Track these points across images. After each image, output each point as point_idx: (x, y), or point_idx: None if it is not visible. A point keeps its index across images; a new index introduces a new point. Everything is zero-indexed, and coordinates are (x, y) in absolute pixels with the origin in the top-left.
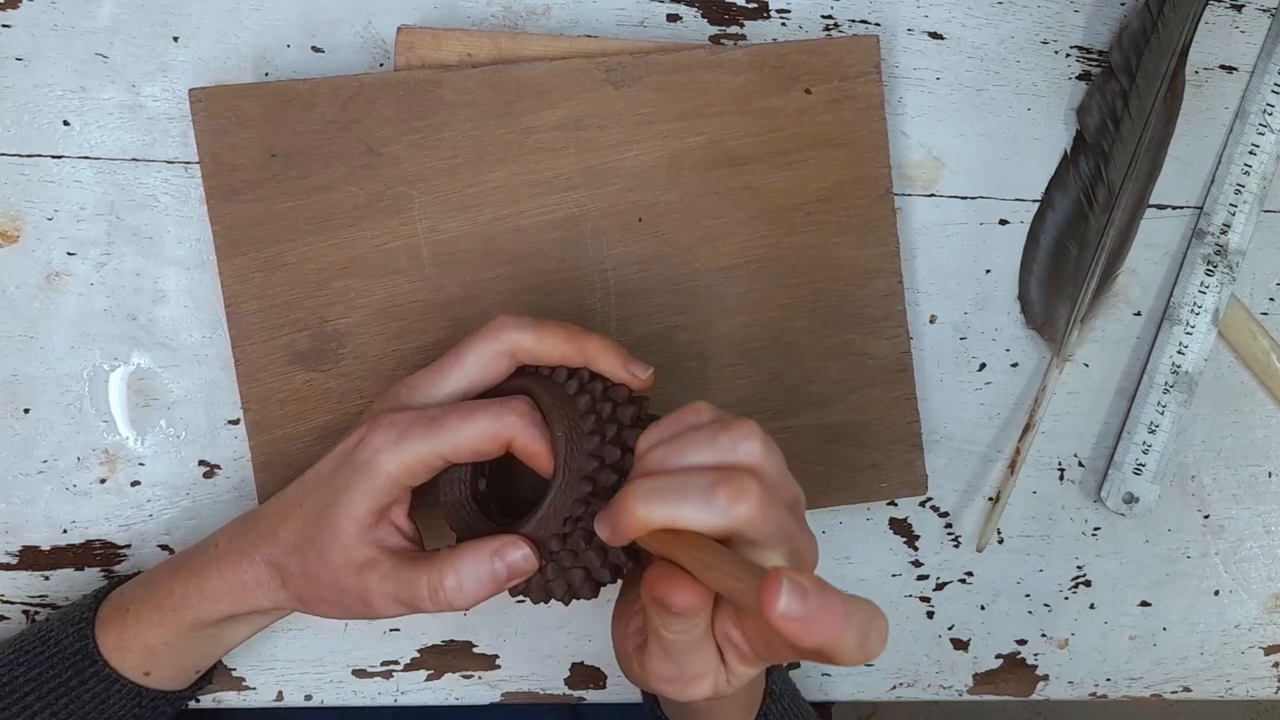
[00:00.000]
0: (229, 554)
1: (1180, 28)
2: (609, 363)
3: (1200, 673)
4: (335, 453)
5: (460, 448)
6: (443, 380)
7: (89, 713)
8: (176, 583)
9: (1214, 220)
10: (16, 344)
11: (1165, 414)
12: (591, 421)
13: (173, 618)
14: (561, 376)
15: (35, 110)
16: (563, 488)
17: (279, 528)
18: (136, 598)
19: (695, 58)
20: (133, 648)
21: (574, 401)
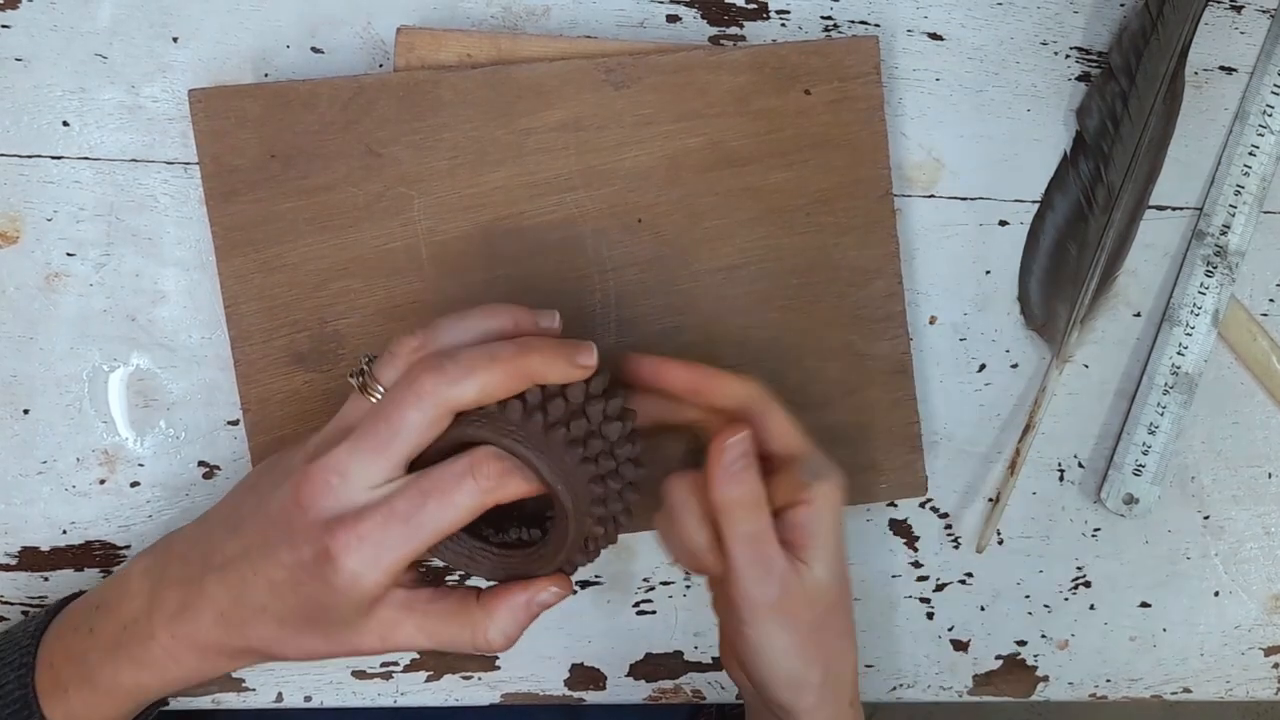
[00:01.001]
0: (185, 649)
1: (1180, 28)
2: (556, 372)
3: (1200, 673)
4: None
5: (445, 532)
6: (378, 462)
7: None
8: (121, 673)
9: (1214, 221)
10: (16, 344)
11: (1165, 415)
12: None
13: (126, 701)
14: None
15: (35, 110)
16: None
17: (244, 628)
18: (72, 679)
19: (695, 58)
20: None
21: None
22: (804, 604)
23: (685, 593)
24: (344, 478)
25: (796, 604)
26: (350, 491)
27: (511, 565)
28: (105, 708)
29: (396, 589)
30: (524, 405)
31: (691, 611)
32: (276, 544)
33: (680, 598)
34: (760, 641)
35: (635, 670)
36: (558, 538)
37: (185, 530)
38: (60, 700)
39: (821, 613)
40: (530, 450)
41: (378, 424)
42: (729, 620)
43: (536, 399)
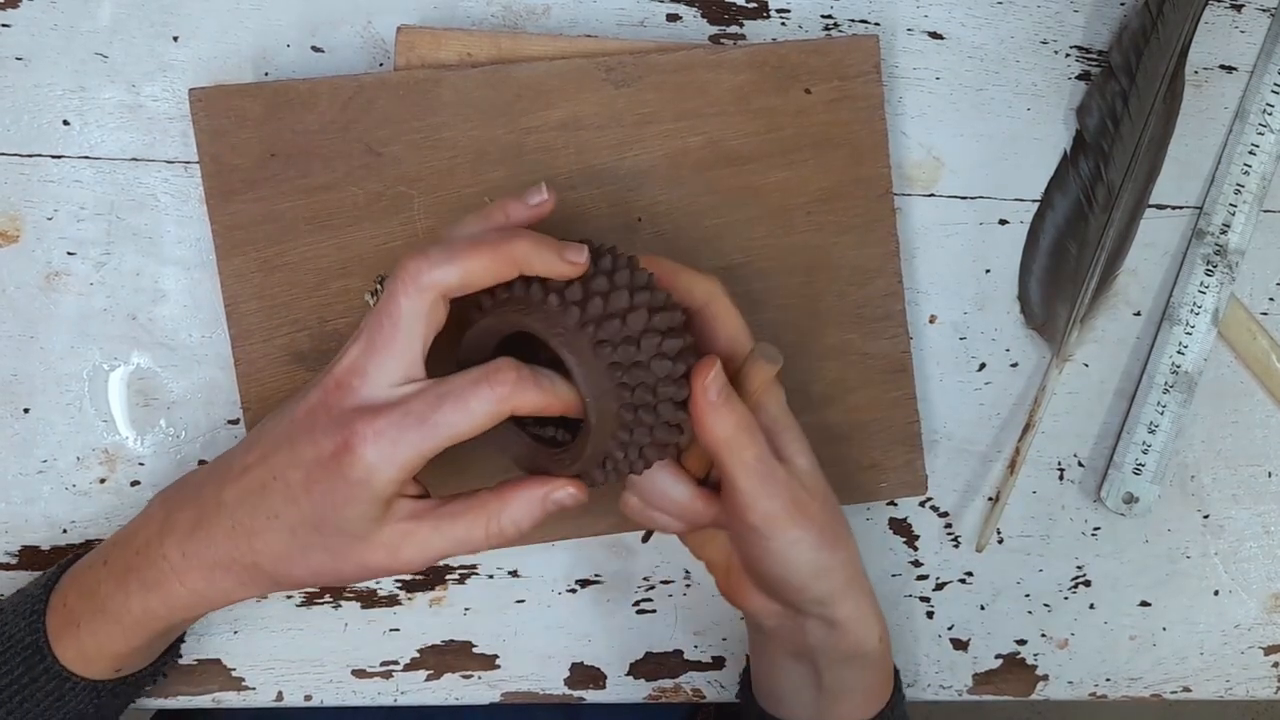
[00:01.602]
0: (193, 567)
1: (1180, 28)
2: (544, 262)
3: (1200, 673)
4: (297, 458)
5: (460, 435)
6: (391, 358)
7: (45, 710)
8: (131, 599)
9: (1214, 220)
10: (16, 344)
11: (1165, 414)
12: (618, 375)
13: (135, 630)
14: (572, 320)
15: (35, 110)
16: (593, 436)
17: (254, 540)
18: (84, 612)
19: (695, 57)
20: (97, 658)
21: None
22: (807, 497)
23: (685, 592)
24: (363, 377)
25: (803, 501)
26: (371, 389)
27: (538, 459)
28: (114, 637)
29: (405, 500)
30: (581, 314)
31: (691, 611)
32: (298, 441)
33: (680, 597)
34: (785, 551)
35: (635, 669)
36: (578, 447)
37: (209, 462)
38: (72, 637)
39: (821, 498)
40: (572, 355)
41: (380, 320)
42: (744, 547)
43: (597, 311)
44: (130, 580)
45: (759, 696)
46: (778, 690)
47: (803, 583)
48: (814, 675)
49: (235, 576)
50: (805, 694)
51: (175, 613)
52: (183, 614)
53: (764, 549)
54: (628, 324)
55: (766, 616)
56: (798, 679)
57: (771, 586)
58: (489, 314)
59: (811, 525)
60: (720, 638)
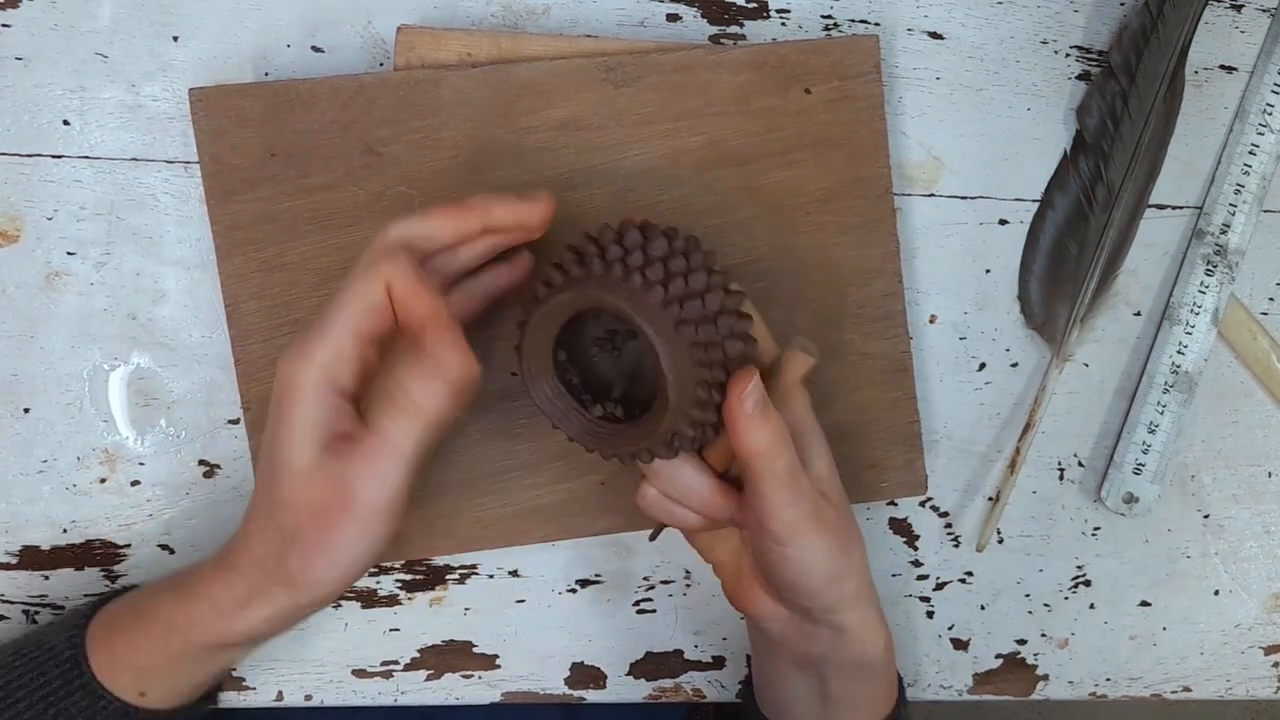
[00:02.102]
0: (215, 574)
1: (1180, 28)
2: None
3: (1200, 673)
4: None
5: (357, 317)
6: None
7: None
8: (161, 607)
9: (1214, 220)
10: (16, 344)
11: (1165, 414)
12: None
13: (160, 642)
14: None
15: (35, 110)
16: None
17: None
18: (124, 621)
19: (695, 58)
20: (124, 669)
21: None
22: (826, 505)
23: (685, 592)
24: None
25: (822, 508)
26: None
27: (597, 435)
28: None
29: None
30: (665, 293)
31: (691, 611)
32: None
33: (680, 597)
34: (802, 556)
35: (635, 669)
36: (652, 422)
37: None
38: (105, 643)
39: (838, 504)
40: (656, 333)
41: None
42: (760, 549)
43: (679, 291)
44: (166, 591)
45: (762, 705)
46: (782, 699)
47: (815, 588)
48: (819, 685)
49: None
50: (810, 703)
51: (193, 626)
52: (198, 629)
53: (781, 554)
54: (706, 304)
55: (774, 621)
56: (803, 688)
57: (783, 590)
58: (563, 289)
59: (829, 533)
60: (720, 638)
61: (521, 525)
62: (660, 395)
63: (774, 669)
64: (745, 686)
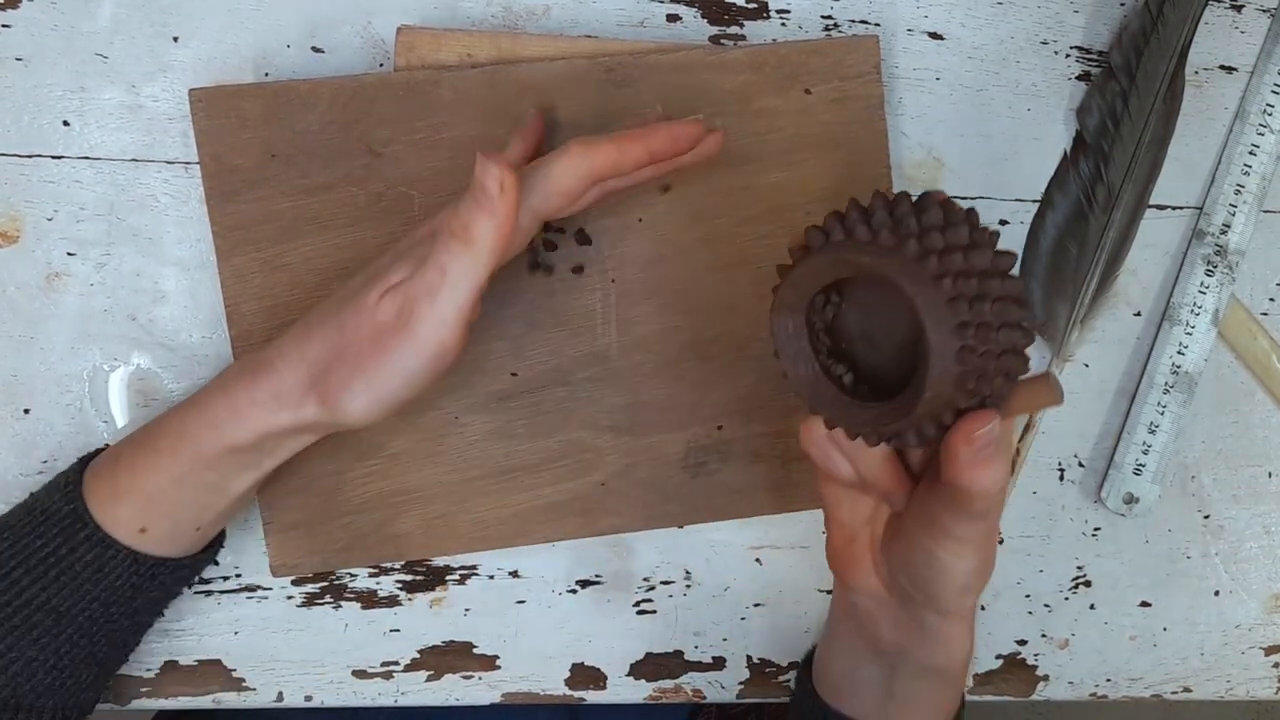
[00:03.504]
0: (240, 375)
1: (1180, 28)
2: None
3: (1200, 673)
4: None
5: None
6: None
7: (83, 584)
8: (171, 420)
9: (1214, 220)
10: (16, 344)
11: (1165, 414)
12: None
13: (168, 457)
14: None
15: (35, 110)
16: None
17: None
18: (126, 447)
19: (695, 58)
20: (125, 496)
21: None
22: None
23: (685, 592)
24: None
25: (990, 530)
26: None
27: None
28: (147, 467)
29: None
30: (939, 264)
31: (691, 611)
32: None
33: (680, 597)
34: (948, 564)
35: (635, 670)
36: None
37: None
38: (108, 478)
39: (997, 521)
40: (929, 309)
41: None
42: (907, 534)
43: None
44: (174, 411)
45: (820, 685)
46: (846, 684)
47: (942, 594)
48: (887, 678)
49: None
50: (873, 694)
51: (206, 430)
52: (212, 432)
53: (929, 553)
54: (984, 285)
55: (868, 597)
56: (870, 677)
57: (907, 579)
58: (826, 251)
59: (980, 550)
60: (720, 638)
61: (521, 525)
62: (919, 375)
63: (846, 652)
64: (804, 666)
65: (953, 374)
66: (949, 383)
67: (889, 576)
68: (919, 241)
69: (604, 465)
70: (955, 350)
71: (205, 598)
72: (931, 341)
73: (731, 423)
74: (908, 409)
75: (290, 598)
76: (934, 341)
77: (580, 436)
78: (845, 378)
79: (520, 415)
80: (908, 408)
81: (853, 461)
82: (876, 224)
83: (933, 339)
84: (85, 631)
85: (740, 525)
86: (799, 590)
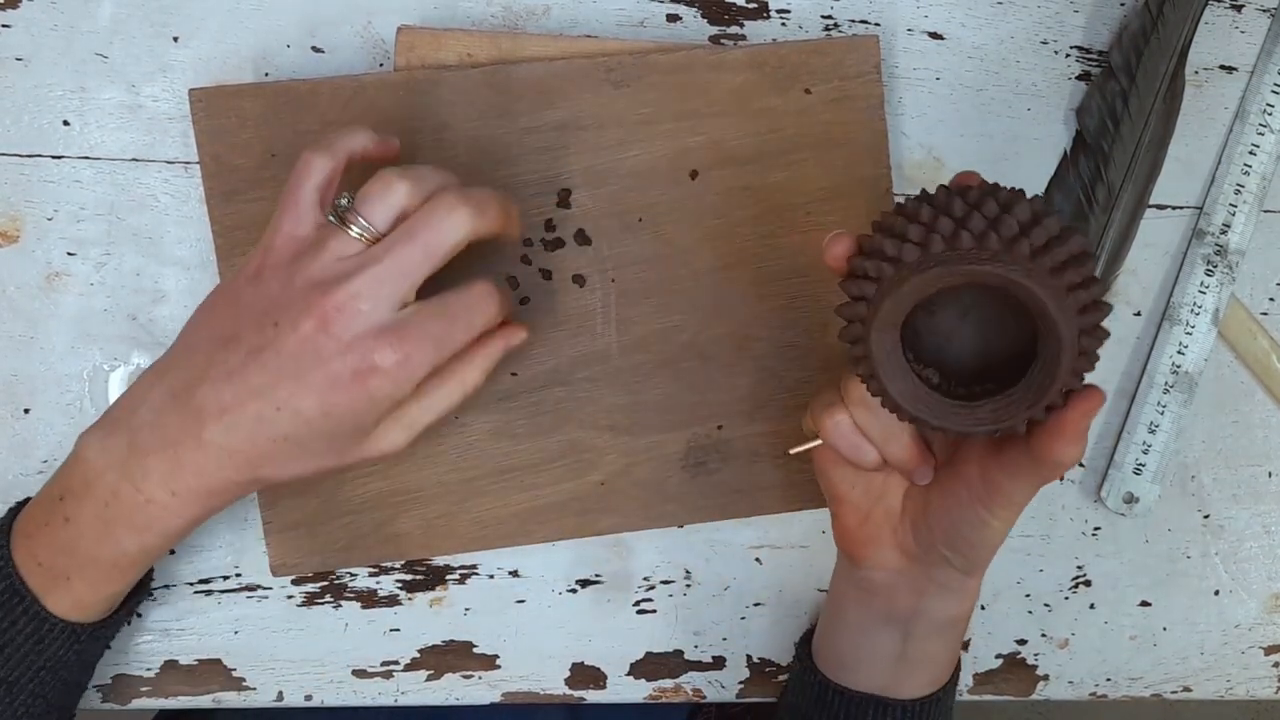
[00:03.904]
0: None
1: (1180, 28)
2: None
3: (1200, 673)
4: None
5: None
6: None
7: (24, 656)
8: (125, 543)
9: (1214, 220)
10: (16, 344)
11: (1165, 414)
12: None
13: (133, 569)
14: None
15: (35, 110)
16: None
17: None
18: (71, 567)
19: (695, 58)
20: (94, 603)
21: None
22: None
23: (685, 592)
24: (374, 303)
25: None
26: (379, 314)
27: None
28: (113, 581)
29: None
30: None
31: (691, 611)
32: (306, 373)
33: (680, 597)
34: (998, 528)
35: (635, 669)
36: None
37: (134, 401)
38: (65, 590)
39: None
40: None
41: (411, 250)
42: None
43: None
44: (117, 529)
45: (823, 661)
46: (855, 654)
47: (981, 553)
48: (900, 643)
49: (233, 493)
50: (883, 662)
51: (173, 539)
52: (180, 538)
53: (984, 521)
54: (1081, 270)
55: (885, 570)
56: (881, 645)
57: (946, 542)
58: (931, 265)
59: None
60: (720, 638)
61: (521, 525)
62: (1045, 366)
63: (858, 623)
64: (803, 645)
65: (1074, 359)
66: (1070, 368)
67: (915, 545)
68: (1029, 240)
69: (603, 465)
70: (1076, 336)
71: (205, 597)
72: (1063, 334)
73: (731, 422)
74: (1034, 399)
75: (290, 597)
76: (1065, 334)
77: (580, 436)
78: (934, 380)
79: (520, 415)
80: (1034, 398)
81: (881, 447)
82: (975, 227)
83: (1064, 332)
84: (38, 694)
85: (740, 525)
86: (799, 590)
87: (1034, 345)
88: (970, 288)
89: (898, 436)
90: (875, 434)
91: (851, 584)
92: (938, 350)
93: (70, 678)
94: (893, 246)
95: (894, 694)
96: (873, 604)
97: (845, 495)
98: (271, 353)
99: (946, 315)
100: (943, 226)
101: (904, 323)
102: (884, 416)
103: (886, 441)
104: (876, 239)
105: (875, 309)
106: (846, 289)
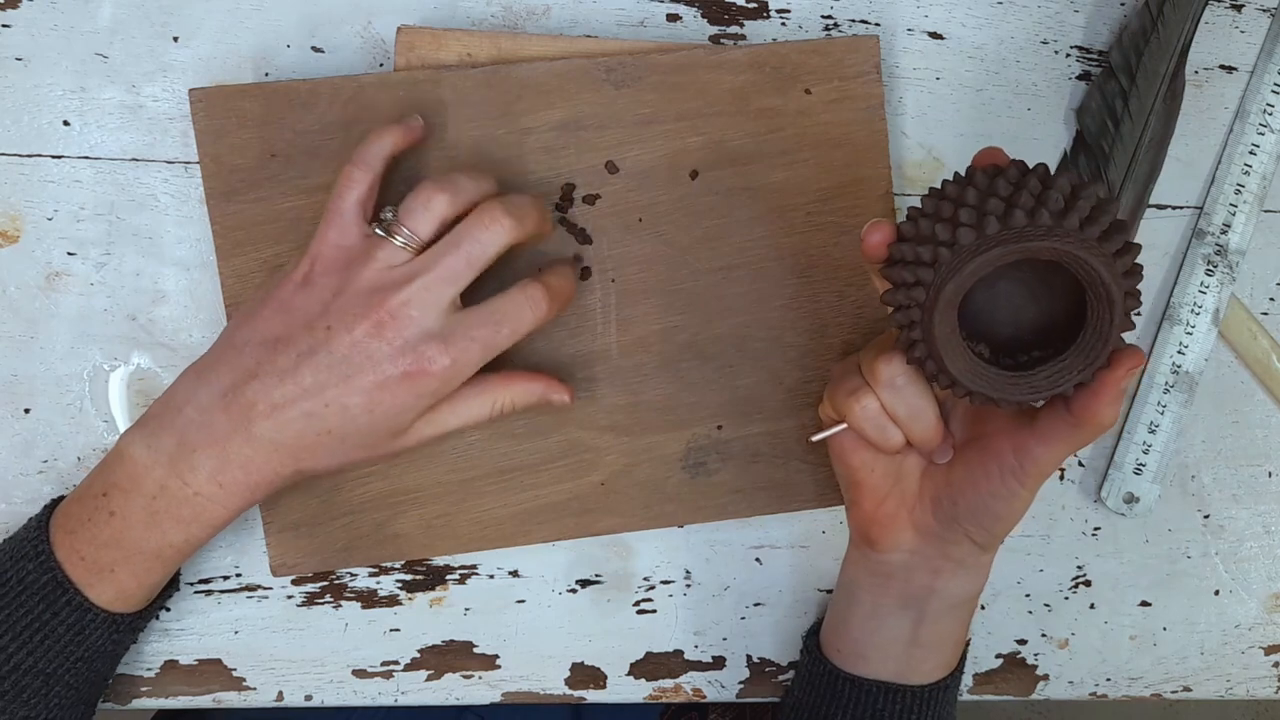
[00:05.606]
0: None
1: (1180, 28)
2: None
3: (1200, 672)
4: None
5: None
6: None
7: (65, 647)
8: (171, 535)
9: (1214, 220)
10: (16, 344)
11: (1165, 414)
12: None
13: (175, 561)
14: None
15: (35, 110)
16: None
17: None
18: (117, 559)
19: (695, 58)
20: (138, 592)
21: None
22: None
23: (685, 592)
24: (424, 309)
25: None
26: (430, 320)
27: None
28: (155, 571)
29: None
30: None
31: (691, 611)
32: (355, 373)
33: (680, 597)
34: (1026, 499)
35: (635, 669)
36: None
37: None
38: (109, 582)
39: None
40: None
41: (456, 259)
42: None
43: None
44: (164, 521)
45: (833, 654)
46: (866, 641)
47: (1003, 528)
48: (913, 627)
49: (274, 485)
50: (896, 647)
51: (215, 531)
52: (220, 529)
53: (1015, 492)
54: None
55: (901, 551)
56: (894, 630)
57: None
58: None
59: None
60: (720, 638)
61: (521, 525)
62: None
63: (873, 605)
64: (810, 636)
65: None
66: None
67: (935, 523)
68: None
69: (603, 465)
70: (1124, 299)
71: (205, 597)
72: (1115, 299)
73: (731, 423)
74: (1086, 362)
75: (290, 597)
76: (1116, 299)
77: (580, 436)
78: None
79: (520, 415)
80: (1086, 361)
81: (907, 429)
82: (1025, 204)
83: (1115, 296)
84: (72, 684)
85: (740, 525)
86: (799, 590)
87: (1064, 311)
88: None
89: (923, 417)
90: (902, 415)
91: (866, 570)
92: (983, 325)
93: (102, 669)
94: (944, 230)
95: (906, 680)
96: (889, 587)
97: (864, 480)
98: (324, 353)
99: (983, 290)
100: (993, 207)
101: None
102: (910, 398)
103: (913, 422)
104: (923, 224)
105: (937, 292)
106: (890, 276)
